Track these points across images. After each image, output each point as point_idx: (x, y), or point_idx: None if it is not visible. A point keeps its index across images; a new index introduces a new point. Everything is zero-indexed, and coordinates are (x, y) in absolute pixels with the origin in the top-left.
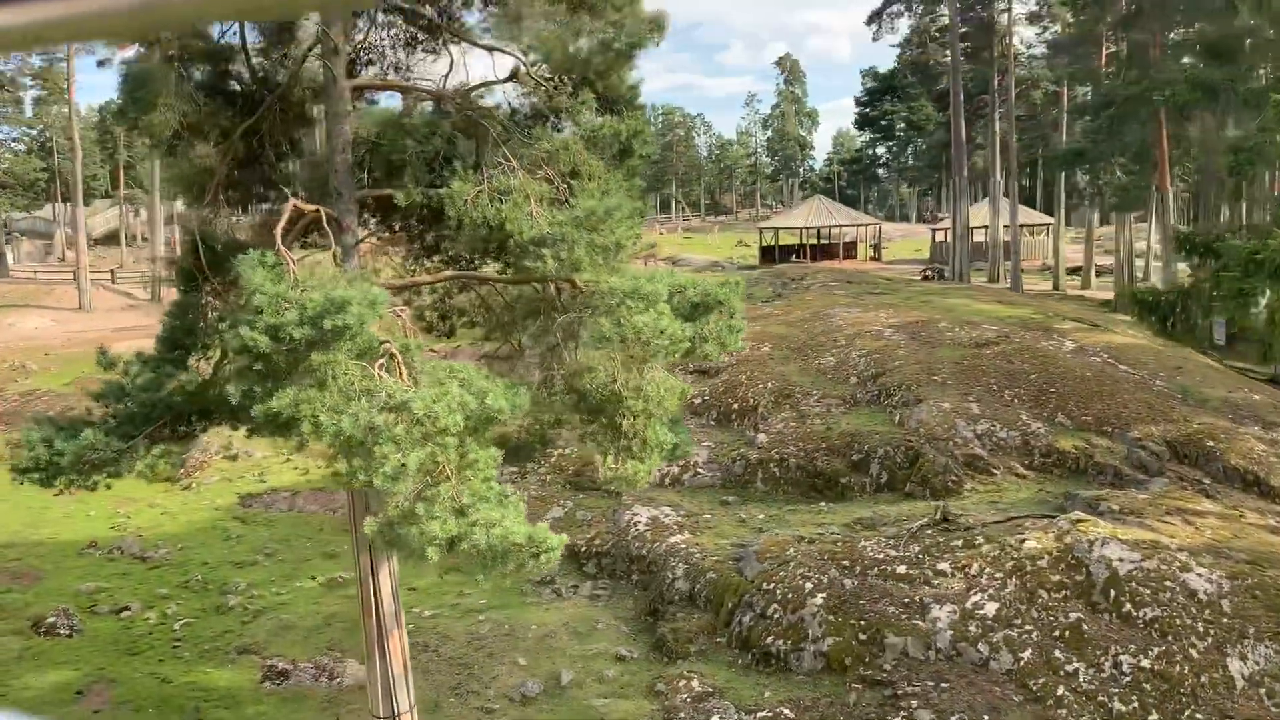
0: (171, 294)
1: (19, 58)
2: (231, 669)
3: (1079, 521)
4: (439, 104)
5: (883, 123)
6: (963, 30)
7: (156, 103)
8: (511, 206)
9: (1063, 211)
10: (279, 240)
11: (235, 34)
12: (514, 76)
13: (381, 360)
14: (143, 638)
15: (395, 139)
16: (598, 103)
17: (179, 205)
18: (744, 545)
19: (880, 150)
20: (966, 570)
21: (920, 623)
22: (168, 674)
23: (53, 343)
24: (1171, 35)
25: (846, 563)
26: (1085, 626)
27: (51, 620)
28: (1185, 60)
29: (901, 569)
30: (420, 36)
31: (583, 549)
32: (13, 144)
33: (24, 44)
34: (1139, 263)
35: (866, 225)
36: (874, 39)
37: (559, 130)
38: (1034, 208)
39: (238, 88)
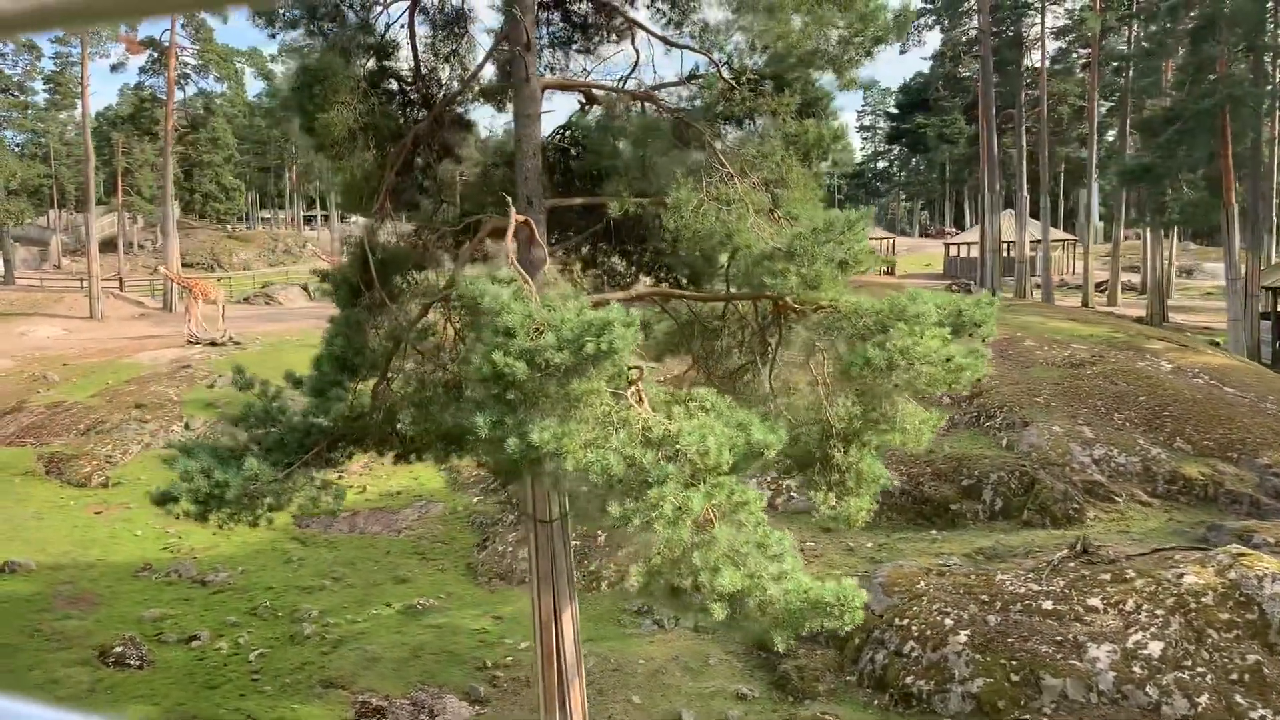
0: (194, 305)
1: (28, 59)
2: (320, 704)
3: (1241, 555)
4: (640, 105)
5: (914, 134)
6: (994, 43)
7: (334, 99)
8: (738, 218)
9: (1092, 227)
10: (511, 254)
11: (403, 25)
12: (692, 77)
13: (631, 388)
14: (218, 669)
15: (600, 142)
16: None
17: (177, 213)
18: (865, 577)
19: (881, 164)
20: (1121, 607)
21: (1078, 663)
22: (253, 710)
23: (68, 352)
24: (1241, 48)
25: (985, 597)
26: (1265, 670)
27: (119, 650)
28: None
29: (1048, 605)
30: (599, 32)
31: None
32: (15, 149)
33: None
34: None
35: (880, 240)
36: (901, 51)
37: (755, 134)
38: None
39: (395, 85)
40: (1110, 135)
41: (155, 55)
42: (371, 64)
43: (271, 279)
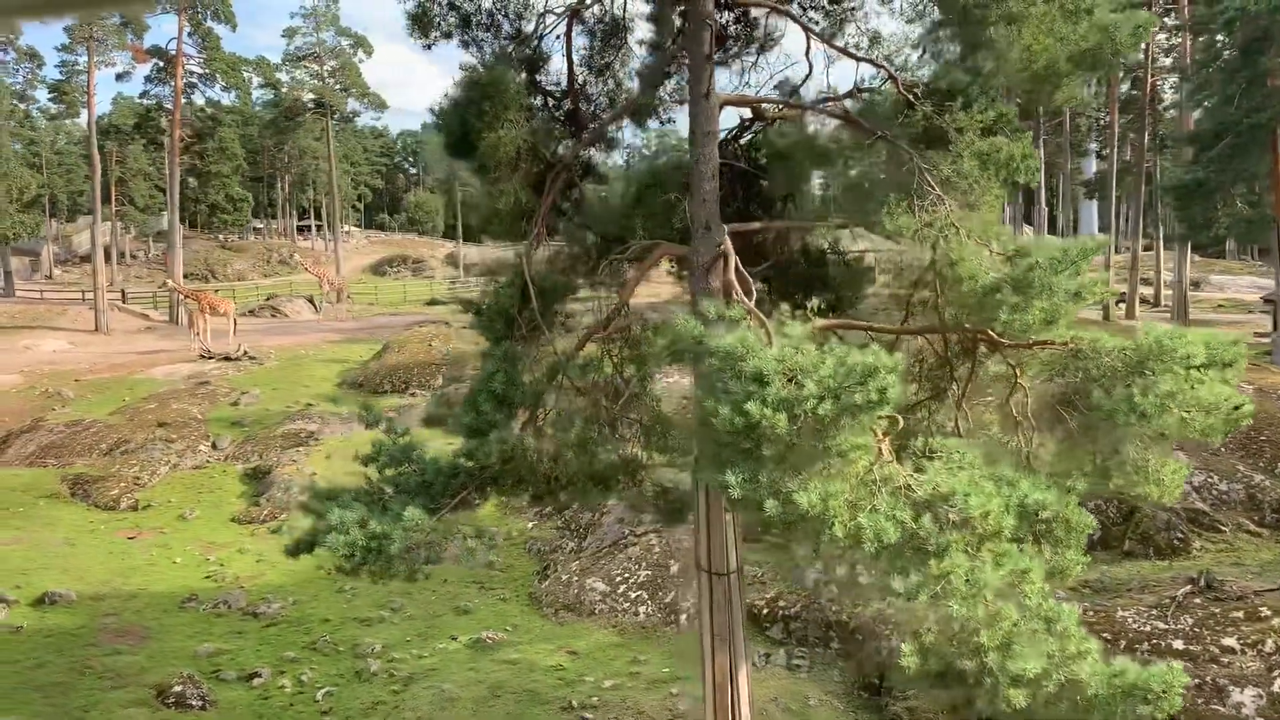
0: (200, 319)
1: (29, 67)
2: None
3: None
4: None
5: None
6: None
7: (503, 115)
8: (958, 244)
9: (1113, 240)
10: (736, 287)
11: (558, 35)
12: (854, 91)
13: (883, 439)
14: (285, 710)
15: (800, 161)
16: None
17: (163, 223)
18: None
19: None
20: (1260, 648)
21: (1220, 707)
22: None
23: (77, 367)
24: None
25: (1108, 635)
26: None
27: (178, 689)
28: None
29: (1178, 644)
30: (764, 43)
31: (764, 610)
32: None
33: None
34: (1166, 292)
35: None
36: None
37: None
38: (1053, 232)
39: (541, 101)
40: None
41: (161, 64)
42: (522, 77)
43: (274, 290)
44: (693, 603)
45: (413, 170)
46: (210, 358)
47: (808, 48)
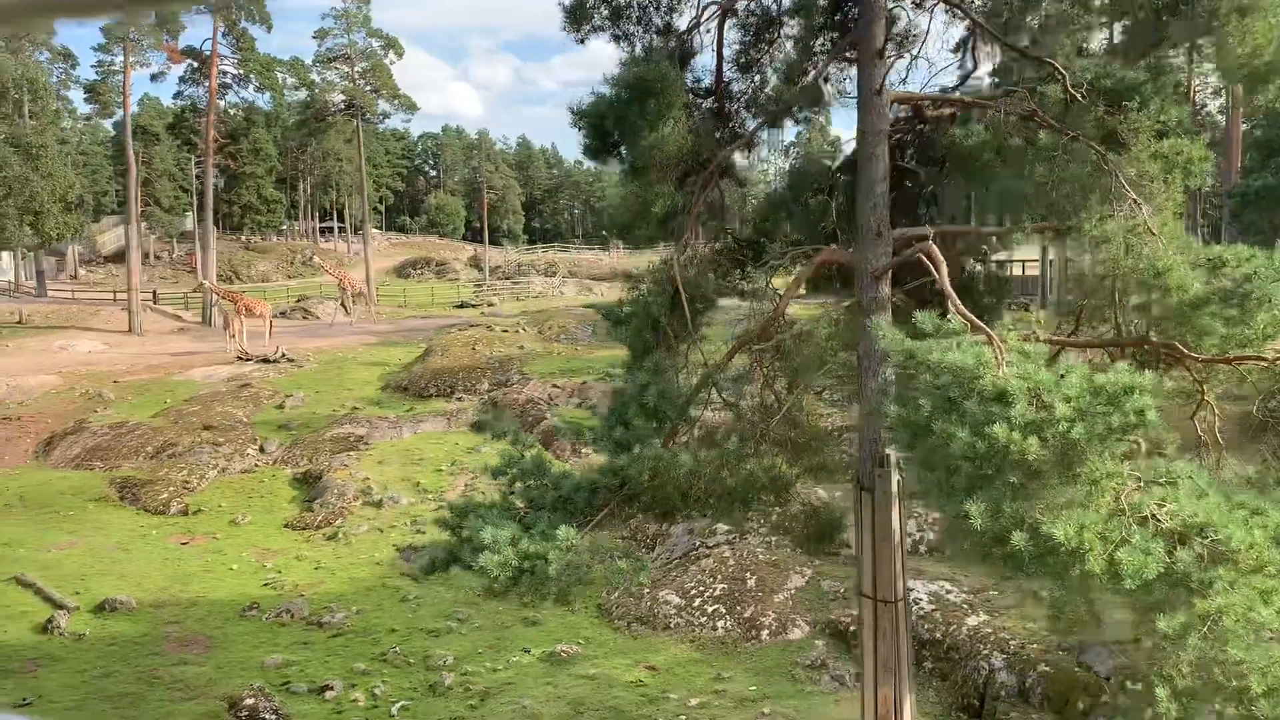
0: (236, 320)
1: (63, 68)
2: None
3: None
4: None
5: None
6: None
7: (667, 113)
8: (1161, 251)
9: None
10: (953, 297)
11: (709, 30)
12: (1020, 89)
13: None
14: None
15: (985, 161)
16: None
17: (187, 223)
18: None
19: None
20: None
21: None
22: None
23: (114, 368)
24: None
25: None
26: None
27: (250, 702)
28: None
29: None
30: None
31: (848, 626)
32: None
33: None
34: None
35: None
36: None
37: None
38: None
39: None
40: None
41: (196, 65)
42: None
43: (300, 292)
44: (804, 623)
45: (433, 173)
46: (248, 360)
47: (972, 44)
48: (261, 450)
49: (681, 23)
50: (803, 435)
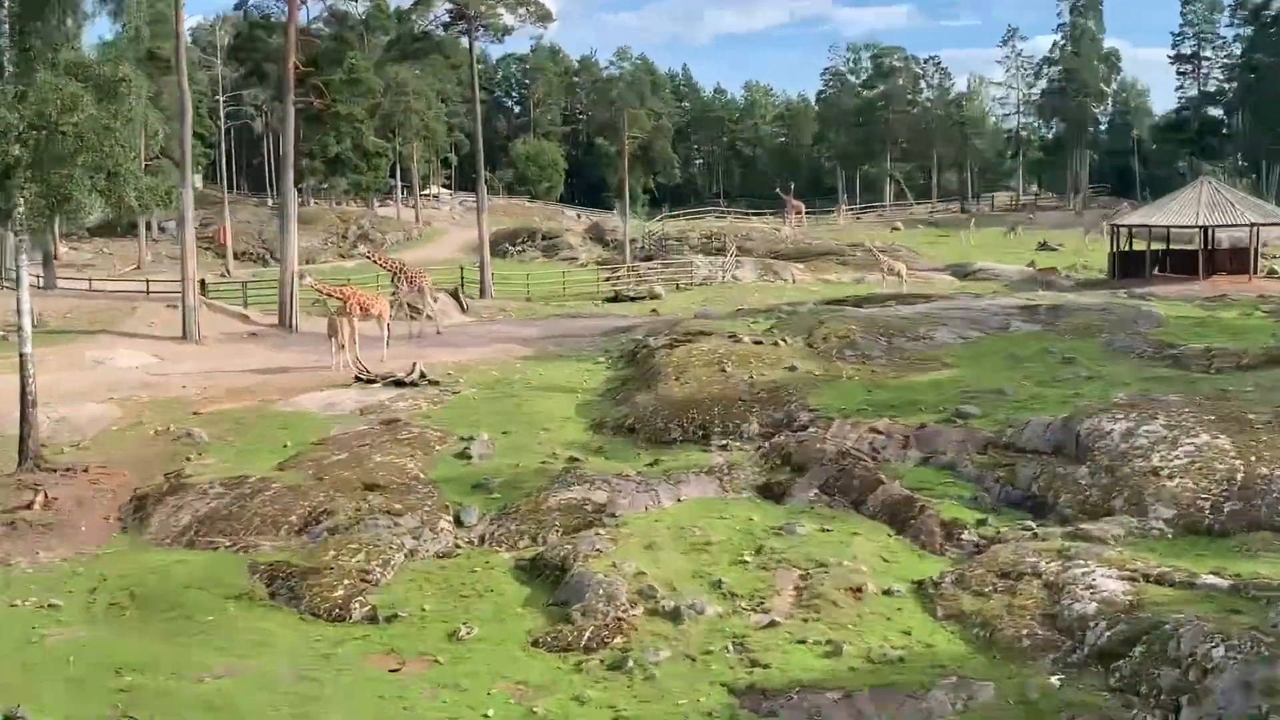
0: (345, 323)
1: None
2: None
3: None
4: None
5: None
6: None
7: None
8: None
9: None
10: None
11: None
12: None
13: None
14: None
15: None
16: None
17: (198, 182)
18: None
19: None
20: None
21: None
22: None
23: (184, 393)
24: None
25: None
26: None
27: None
28: None
29: None
30: None
31: None
32: None
33: None
34: None
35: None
36: None
37: None
38: None
39: None
40: None
41: None
42: None
43: (360, 278)
44: None
45: (518, 110)
46: (372, 381)
47: None
48: (458, 522)
49: None
50: None
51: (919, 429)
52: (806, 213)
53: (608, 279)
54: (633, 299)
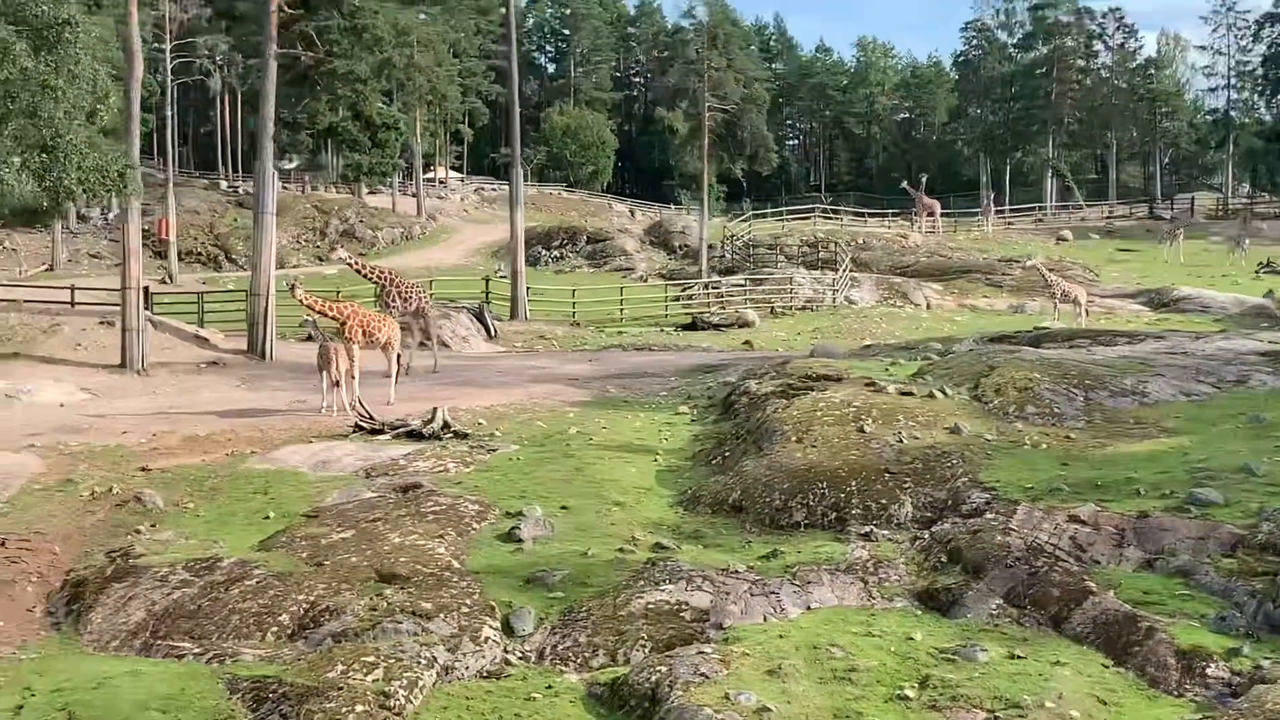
0: (342, 356)
1: None
2: None
3: None
4: None
5: None
6: None
7: None
8: None
9: None
10: None
11: None
12: None
13: None
14: None
15: None
16: None
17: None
18: None
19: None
20: None
21: None
22: None
23: (126, 439)
24: None
25: None
26: None
27: None
28: None
29: None
30: None
31: None
32: None
33: None
34: None
35: None
36: None
37: None
38: None
39: None
40: None
41: None
42: None
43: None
44: None
45: (553, 70)
46: (379, 431)
47: None
48: (509, 630)
49: None
50: None
51: (1138, 519)
52: (942, 214)
53: (678, 298)
54: (716, 326)
